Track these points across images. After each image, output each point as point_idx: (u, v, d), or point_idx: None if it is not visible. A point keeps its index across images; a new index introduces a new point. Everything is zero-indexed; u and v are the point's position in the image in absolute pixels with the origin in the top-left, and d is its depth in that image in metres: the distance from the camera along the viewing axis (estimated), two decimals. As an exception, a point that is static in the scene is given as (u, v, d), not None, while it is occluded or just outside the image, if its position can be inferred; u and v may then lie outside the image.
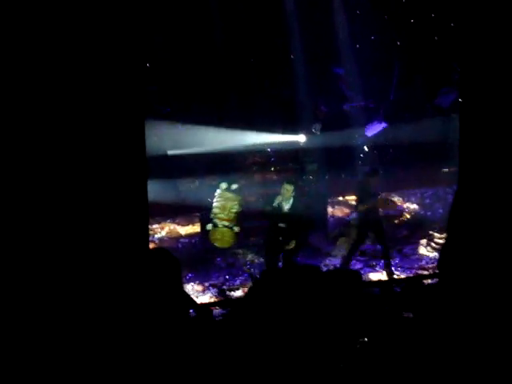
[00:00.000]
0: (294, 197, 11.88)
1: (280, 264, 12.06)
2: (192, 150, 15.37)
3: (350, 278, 7.97)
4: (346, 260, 12.96)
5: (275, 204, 11.73)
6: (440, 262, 3.50)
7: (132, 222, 5.06)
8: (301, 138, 16.29)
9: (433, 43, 17.14)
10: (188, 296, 7.58)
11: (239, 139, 15.67)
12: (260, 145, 16.02)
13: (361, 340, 4.08)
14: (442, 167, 15.90)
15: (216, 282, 13.49)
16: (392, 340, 3.78)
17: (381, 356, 3.58)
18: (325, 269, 13.70)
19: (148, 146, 5.43)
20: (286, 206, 11.83)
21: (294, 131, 16.27)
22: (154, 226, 15.94)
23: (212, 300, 12.49)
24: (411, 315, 4.79)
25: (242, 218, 14.00)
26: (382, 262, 12.97)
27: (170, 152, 15.56)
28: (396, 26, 17.00)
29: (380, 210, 12.90)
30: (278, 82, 16.87)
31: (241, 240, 14.78)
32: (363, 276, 9.06)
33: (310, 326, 2.68)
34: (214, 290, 13.01)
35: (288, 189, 11.79)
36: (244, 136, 15.71)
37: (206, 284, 13.36)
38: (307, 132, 16.36)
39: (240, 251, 14.86)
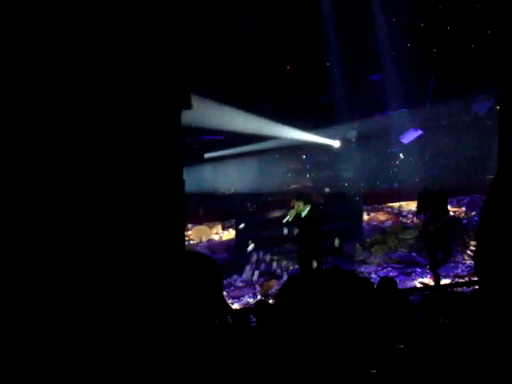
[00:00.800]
0: (310, 206, 12.15)
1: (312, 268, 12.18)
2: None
3: (386, 285, 8.00)
4: (434, 271, 12.85)
5: (290, 219, 12.02)
6: (476, 267, 3.48)
7: (168, 224, 5.12)
8: (336, 144, 16.35)
9: (469, 50, 17.08)
10: (225, 302, 7.65)
11: (275, 130, 15.87)
12: (296, 141, 16.15)
13: (397, 346, 4.09)
14: (479, 175, 15.80)
15: (251, 288, 13.55)
16: (428, 347, 3.76)
17: (416, 363, 3.58)
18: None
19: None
20: (303, 213, 12.09)
21: (331, 136, 16.37)
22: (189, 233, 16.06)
23: (247, 305, 12.54)
24: (447, 322, 4.78)
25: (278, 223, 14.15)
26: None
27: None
28: (432, 33, 16.97)
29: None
30: (314, 89, 16.94)
31: (276, 246, 14.86)
32: (399, 283, 9.05)
33: (344, 331, 2.68)
34: (249, 296, 13.06)
35: (298, 204, 12.14)
36: (280, 129, 15.91)
37: (243, 289, 13.42)
38: (343, 138, 16.40)
39: (275, 257, 14.89)
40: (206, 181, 15.51)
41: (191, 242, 15.90)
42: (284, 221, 12.06)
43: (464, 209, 16.63)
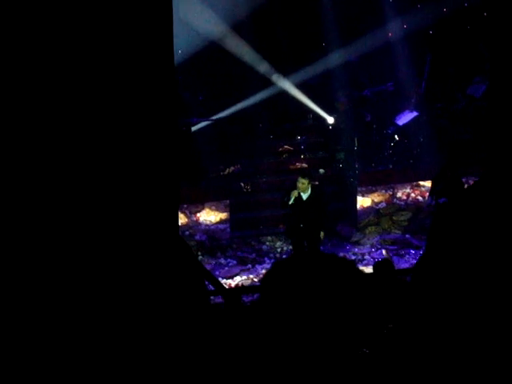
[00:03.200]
0: (312, 187, 12.03)
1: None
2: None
3: (383, 266, 8.04)
4: None
5: (291, 201, 11.84)
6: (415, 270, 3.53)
7: (162, 207, 5.13)
8: (330, 120, 16.42)
9: (465, 32, 17.05)
10: (216, 280, 7.66)
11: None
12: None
13: (389, 326, 4.11)
14: (474, 157, 15.81)
15: (244, 267, 13.59)
16: (418, 328, 3.78)
17: (406, 342, 3.59)
18: (353, 257, 13.76)
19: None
20: (304, 196, 11.94)
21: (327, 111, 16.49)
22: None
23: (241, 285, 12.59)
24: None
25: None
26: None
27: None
28: (429, 15, 16.94)
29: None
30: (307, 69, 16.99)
31: (269, 227, 14.90)
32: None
33: (335, 311, 2.68)
34: (243, 276, 13.10)
35: (303, 182, 11.90)
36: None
37: (235, 270, 13.47)
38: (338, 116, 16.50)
39: (269, 238, 14.92)
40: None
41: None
42: (290, 202, 11.86)
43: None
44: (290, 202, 11.83)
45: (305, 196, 11.92)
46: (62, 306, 3.57)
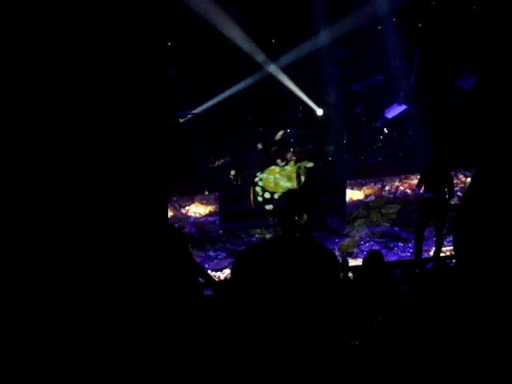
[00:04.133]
0: (305, 178, 12.15)
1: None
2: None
3: (372, 258, 8.05)
4: (417, 248, 12.80)
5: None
6: (454, 242, 3.52)
7: (151, 200, 5.13)
8: (319, 112, 16.46)
9: (454, 25, 17.07)
10: (206, 273, 7.66)
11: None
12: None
13: (377, 318, 4.13)
14: (462, 149, 15.84)
15: (233, 260, 13.59)
16: (407, 319, 3.81)
17: (395, 334, 3.62)
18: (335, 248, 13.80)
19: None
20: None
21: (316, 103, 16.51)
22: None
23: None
24: (425, 294, 4.83)
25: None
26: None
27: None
28: (418, 8, 16.96)
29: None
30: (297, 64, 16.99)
31: (259, 219, 14.92)
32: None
33: (324, 304, 2.69)
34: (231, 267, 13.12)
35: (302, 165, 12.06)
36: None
37: (225, 262, 13.48)
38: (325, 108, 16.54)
39: (258, 231, 14.94)
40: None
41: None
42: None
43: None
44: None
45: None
46: (56, 296, 3.58)
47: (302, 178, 12.01)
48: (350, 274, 8.65)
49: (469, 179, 16.07)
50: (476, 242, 3.21)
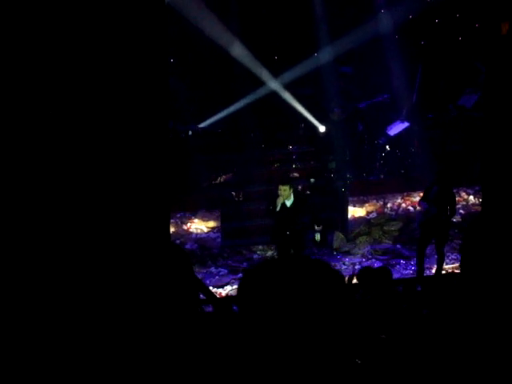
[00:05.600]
0: (294, 193, 12.10)
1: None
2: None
3: (381, 275, 8.02)
4: (419, 266, 12.75)
5: (278, 208, 11.91)
6: (462, 261, 3.49)
7: (153, 215, 5.11)
8: (321, 128, 16.50)
9: (456, 43, 17.12)
10: (207, 290, 7.63)
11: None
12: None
13: (380, 336, 4.10)
14: (465, 167, 15.84)
15: (235, 276, 13.57)
16: (410, 337, 3.78)
17: (398, 353, 3.59)
18: (344, 267, 13.76)
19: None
20: (288, 203, 11.97)
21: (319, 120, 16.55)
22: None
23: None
24: (428, 313, 4.81)
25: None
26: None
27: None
28: (420, 26, 17.01)
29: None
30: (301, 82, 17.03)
31: (261, 237, 14.88)
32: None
33: (325, 321, 2.65)
34: (234, 285, 13.08)
35: (285, 189, 11.92)
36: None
37: (226, 279, 13.45)
38: (329, 126, 16.55)
39: (260, 247, 14.92)
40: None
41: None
42: (277, 210, 11.92)
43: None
44: (277, 209, 11.87)
45: (289, 203, 11.96)
46: (56, 312, 3.56)
47: (290, 197, 12.01)
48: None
49: (471, 197, 16.05)
50: (485, 263, 3.18)
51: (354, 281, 8.22)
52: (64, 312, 3.62)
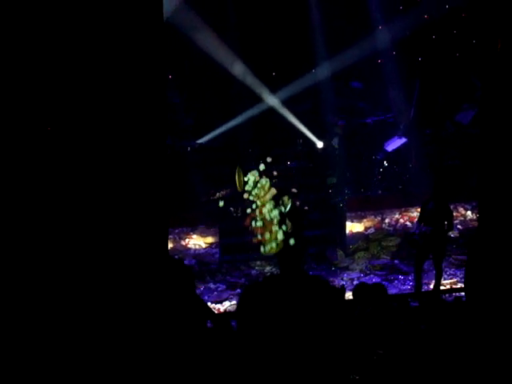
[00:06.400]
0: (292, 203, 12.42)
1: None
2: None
3: (375, 291, 8.02)
4: (417, 281, 12.75)
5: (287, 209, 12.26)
6: (466, 278, 3.52)
7: (151, 229, 5.12)
8: (319, 144, 16.52)
9: (454, 59, 17.18)
10: (205, 305, 7.63)
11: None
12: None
13: (377, 352, 4.11)
14: (462, 183, 15.86)
15: (233, 292, 13.56)
16: (407, 353, 3.80)
17: (395, 369, 3.60)
18: (342, 283, 13.74)
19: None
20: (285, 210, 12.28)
21: (317, 135, 16.58)
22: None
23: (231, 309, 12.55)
24: (426, 329, 4.81)
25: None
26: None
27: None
28: (418, 42, 17.09)
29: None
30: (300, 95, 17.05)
31: (259, 252, 14.90)
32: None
33: (324, 336, 2.68)
34: (232, 301, 13.07)
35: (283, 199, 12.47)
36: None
37: (225, 294, 13.43)
38: (327, 142, 16.54)
39: (258, 263, 14.92)
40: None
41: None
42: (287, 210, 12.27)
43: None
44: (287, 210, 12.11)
45: (286, 209, 12.30)
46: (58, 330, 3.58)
47: (287, 207, 12.15)
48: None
49: (469, 212, 16.07)
50: (488, 281, 3.22)
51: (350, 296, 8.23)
52: (64, 331, 3.64)
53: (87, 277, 4.31)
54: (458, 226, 15.73)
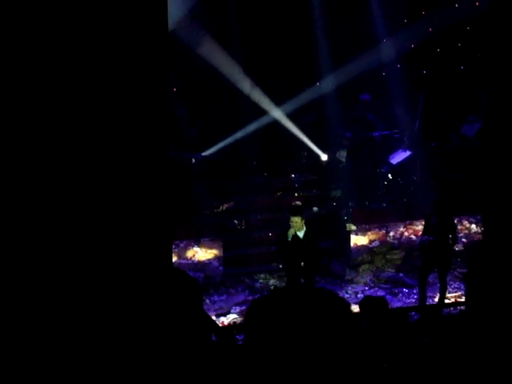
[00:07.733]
0: (306, 225, 11.88)
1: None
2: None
3: (376, 305, 7.99)
4: (421, 294, 12.70)
5: (289, 238, 11.70)
6: (467, 291, 3.49)
7: (154, 241, 5.11)
8: (323, 157, 16.50)
9: (459, 72, 17.17)
10: (209, 318, 7.61)
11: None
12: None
13: (381, 366, 4.08)
14: (467, 196, 15.81)
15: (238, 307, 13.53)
16: (411, 367, 3.75)
17: (400, 382, 3.56)
18: (346, 296, 13.71)
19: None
20: (301, 234, 11.78)
21: (321, 148, 16.54)
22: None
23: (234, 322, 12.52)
24: (430, 342, 4.78)
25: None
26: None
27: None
28: (422, 55, 17.08)
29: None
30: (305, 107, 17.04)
31: (263, 265, 14.86)
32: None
33: (327, 351, 2.64)
34: (237, 313, 13.04)
35: (296, 220, 11.72)
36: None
37: (229, 307, 13.41)
38: (332, 154, 16.52)
39: (262, 276, 14.89)
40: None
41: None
42: (288, 239, 11.74)
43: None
44: (289, 239, 11.68)
45: (301, 234, 11.75)
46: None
47: (302, 228, 11.79)
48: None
49: (474, 225, 16.03)
50: (490, 293, 3.18)
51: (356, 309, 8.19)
52: (66, 346, 3.62)
53: (91, 288, 4.29)
54: (463, 240, 15.67)
